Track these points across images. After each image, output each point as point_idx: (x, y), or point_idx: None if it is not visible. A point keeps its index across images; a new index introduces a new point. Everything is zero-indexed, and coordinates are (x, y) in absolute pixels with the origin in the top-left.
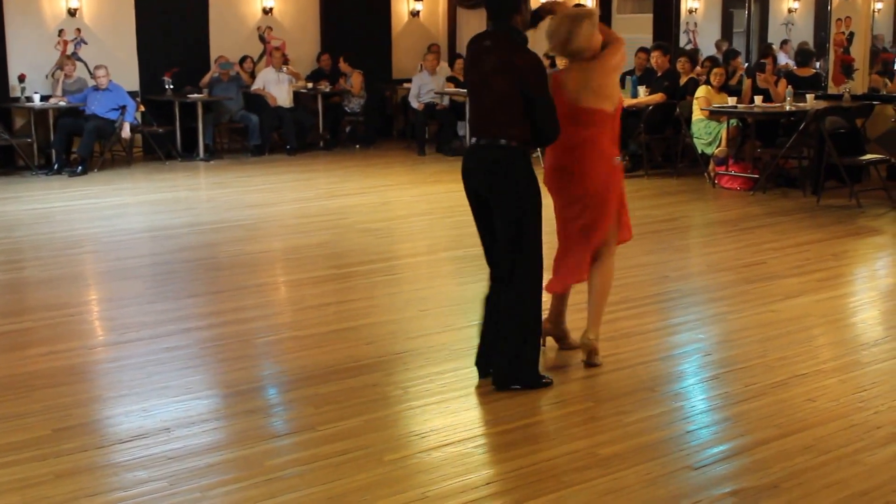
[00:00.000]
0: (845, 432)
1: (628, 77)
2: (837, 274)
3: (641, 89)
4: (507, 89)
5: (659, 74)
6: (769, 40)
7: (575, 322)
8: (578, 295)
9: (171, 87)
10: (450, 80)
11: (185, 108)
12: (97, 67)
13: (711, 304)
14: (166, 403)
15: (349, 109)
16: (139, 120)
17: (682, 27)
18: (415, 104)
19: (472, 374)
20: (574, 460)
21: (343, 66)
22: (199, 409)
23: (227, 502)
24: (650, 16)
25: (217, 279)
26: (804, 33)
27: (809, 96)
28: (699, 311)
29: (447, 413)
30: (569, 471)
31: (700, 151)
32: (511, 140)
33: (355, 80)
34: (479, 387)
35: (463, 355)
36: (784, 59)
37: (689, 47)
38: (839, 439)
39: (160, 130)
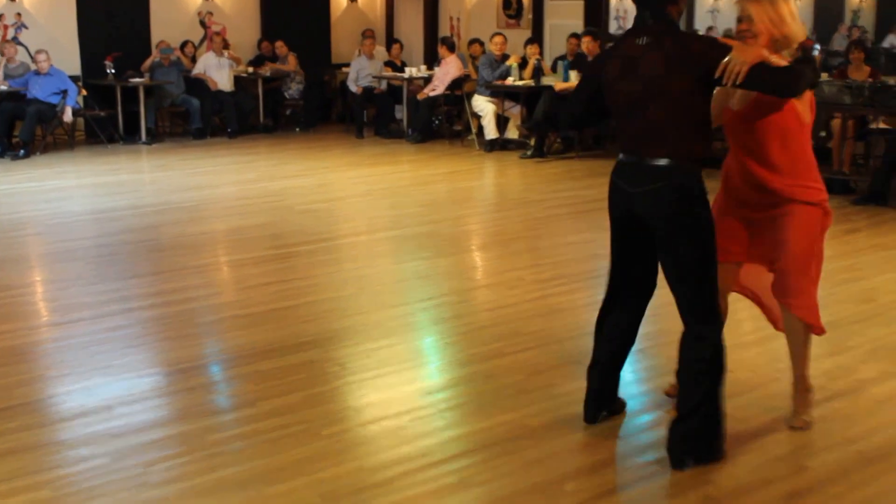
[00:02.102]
0: (762, 401)
1: (560, 61)
2: None
3: (573, 74)
4: (678, 94)
5: (590, 59)
6: (695, 27)
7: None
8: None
9: (113, 71)
10: (387, 64)
11: (127, 92)
12: (38, 52)
13: None
14: (108, 382)
15: (289, 94)
16: (81, 104)
17: (613, 13)
18: (353, 88)
19: (407, 350)
20: (505, 431)
21: (280, 48)
22: (141, 387)
23: (168, 477)
24: (581, 2)
25: (159, 260)
26: (729, 20)
27: None
28: None
29: (383, 388)
30: (500, 441)
31: None
32: (680, 159)
33: (290, 59)
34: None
35: (398, 332)
36: None
37: (619, 33)
38: (756, 408)
39: (102, 114)
